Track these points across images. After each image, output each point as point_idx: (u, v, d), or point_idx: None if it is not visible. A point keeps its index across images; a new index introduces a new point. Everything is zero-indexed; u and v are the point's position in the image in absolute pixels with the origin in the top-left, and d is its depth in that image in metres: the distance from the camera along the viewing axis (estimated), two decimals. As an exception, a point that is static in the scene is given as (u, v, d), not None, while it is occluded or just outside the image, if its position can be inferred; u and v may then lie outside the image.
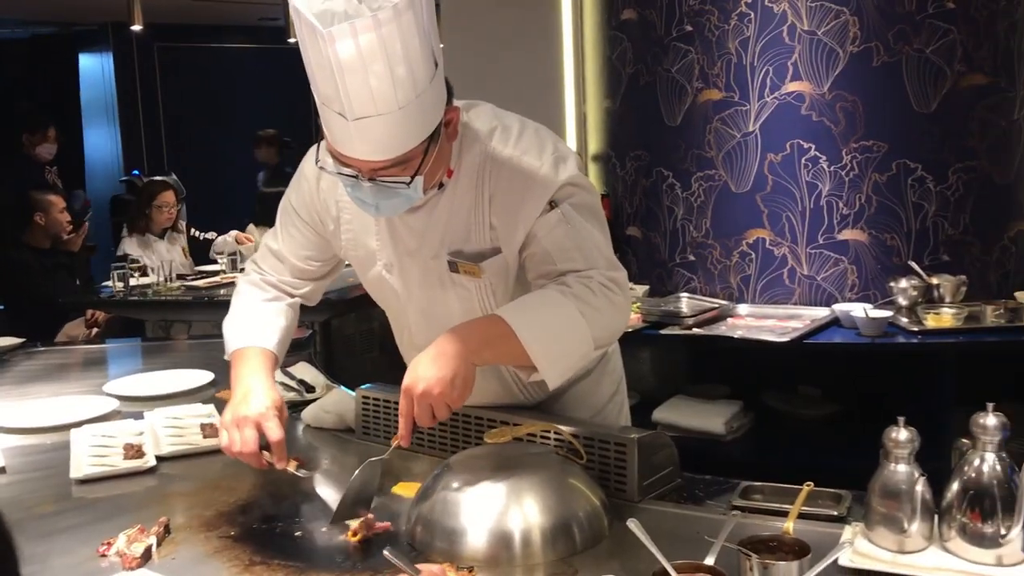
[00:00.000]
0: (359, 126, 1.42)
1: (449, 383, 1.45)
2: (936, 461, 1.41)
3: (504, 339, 1.50)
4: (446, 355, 1.47)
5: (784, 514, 1.50)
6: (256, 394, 1.70)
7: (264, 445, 1.65)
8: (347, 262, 1.96)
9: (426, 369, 1.46)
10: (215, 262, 5.42)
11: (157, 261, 5.34)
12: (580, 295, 1.55)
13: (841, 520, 1.51)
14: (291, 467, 1.63)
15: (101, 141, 9.09)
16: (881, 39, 3.30)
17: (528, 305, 1.56)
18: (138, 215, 5.59)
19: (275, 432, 1.63)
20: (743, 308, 3.44)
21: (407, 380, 1.48)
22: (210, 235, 5.50)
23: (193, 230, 5.65)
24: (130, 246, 5.49)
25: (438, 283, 1.74)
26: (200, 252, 5.61)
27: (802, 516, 1.50)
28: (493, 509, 1.43)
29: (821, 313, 3.29)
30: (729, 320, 3.32)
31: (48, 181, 6.28)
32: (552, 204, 1.61)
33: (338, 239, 1.86)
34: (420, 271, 1.76)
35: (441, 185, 1.66)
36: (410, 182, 1.50)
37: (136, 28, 6.15)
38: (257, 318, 1.87)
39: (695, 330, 3.22)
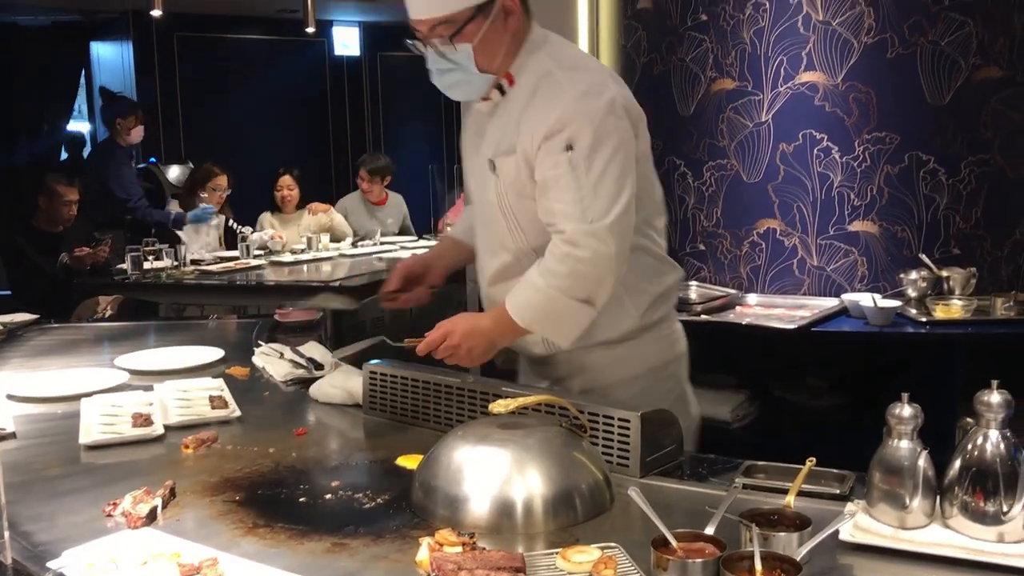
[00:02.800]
0: None
1: (466, 351, 1.85)
2: (942, 454, 1.40)
3: (516, 329, 1.85)
4: (479, 332, 1.86)
5: (786, 492, 1.50)
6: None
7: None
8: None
9: (464, 330, 1.84)
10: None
11: (197, 240, 5.43)
12: (548, 268, 1.79)
13: (843, 498, 1.51)
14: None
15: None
16: (896, 30, 3.29)
17: (518, 295, 1.84)
18: (190, 195, 5.70)
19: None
20: (752, 297, 3.44)
21: (451, 321, 1.87)
22: (246, 230, 5.57)
23: (231, 221, 5.71)
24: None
25: (485, 187, 1.93)
26: (232, 242, 5.67)
27: (804, 494, 1.50)
28: (496, 477, 1.44)
29: (830, 303, 3.29)
30: (737, 308, 3.32)
31: (135, 169, 6.39)
32: (569, 147, 1.76)
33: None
34: (480, 176, 1.96)
35: (503, 91, 1.89)
36: (452, 40, 1.77)
37: (156, 13, 6.15)
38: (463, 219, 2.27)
39: (703, 317, 3.21)
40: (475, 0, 1.78)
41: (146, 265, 4.87)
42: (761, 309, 3.30)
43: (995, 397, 1.35)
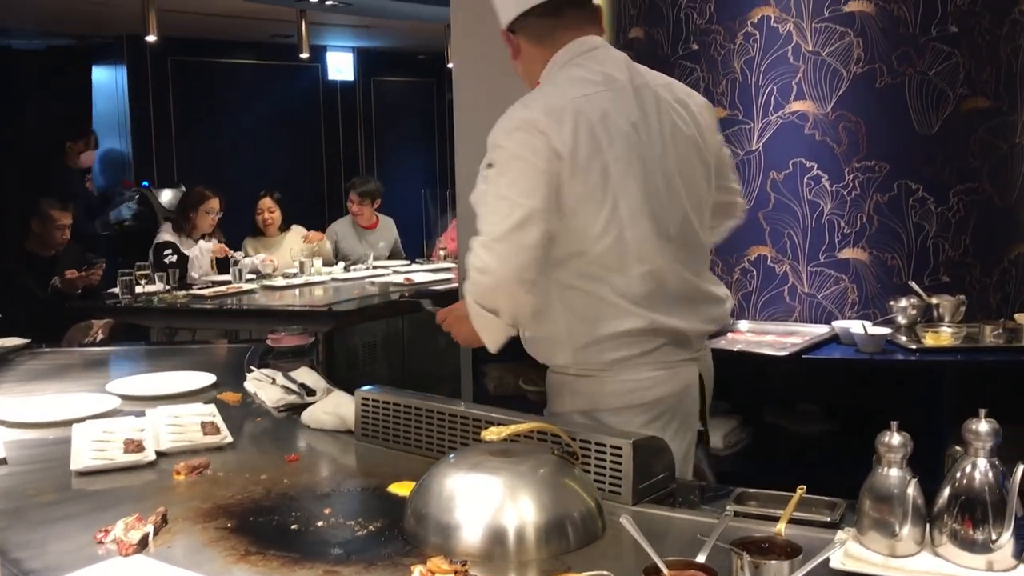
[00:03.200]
0: None
1: (455, 331, 2.12)
2: (931, 481, 1.41)
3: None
4: (465, 319, 1.99)
5: (777, 520, 1.50)
6: None
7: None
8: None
9: (458, 313, 2.08)
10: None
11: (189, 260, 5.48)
12: (469, 274, 1.91)
13: (834, 526, 1.51)
14: None
15: (112, 153, 9.12)
16: (884, 61, 3.33)
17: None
18: (182, 217, 5.74)
19: None
20: (743, 324, 3.46)
21: (454, 306, 2.14)
22: (238, 255, 5.61)
23: (224, 247, 5.75)
24: (169, 233, 5.64)
25: None
26: (223, 265, 5.68)
27: (795, 522, 1.50)
28: (488, 505, 1.44)
29: (820, 330, 3.31)
30: (729, 335, 3.33)
31: (89, 190, 6.38)
32: (489, 166, 1.88)
33: None
34: None
35: None
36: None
37: (151, 39, 6.20)
38: None
39: (695, 344, 3.22)
40: (504, 23, 2.08)
41: (137, 289, 4.88)
42: (752, 336, 3.32)
43: (983, 426, 1.36)
